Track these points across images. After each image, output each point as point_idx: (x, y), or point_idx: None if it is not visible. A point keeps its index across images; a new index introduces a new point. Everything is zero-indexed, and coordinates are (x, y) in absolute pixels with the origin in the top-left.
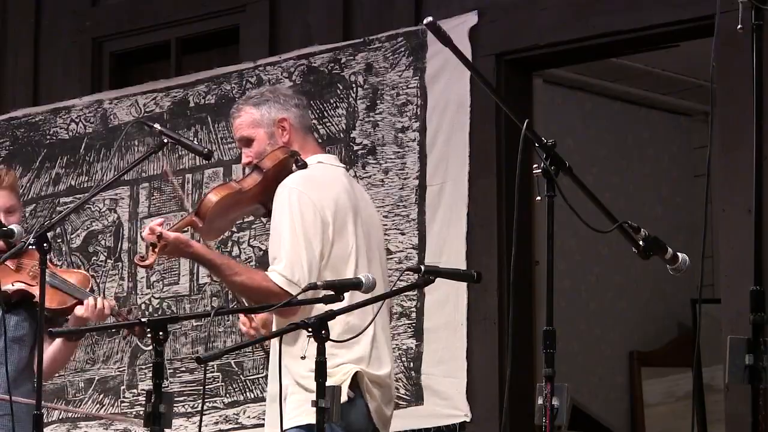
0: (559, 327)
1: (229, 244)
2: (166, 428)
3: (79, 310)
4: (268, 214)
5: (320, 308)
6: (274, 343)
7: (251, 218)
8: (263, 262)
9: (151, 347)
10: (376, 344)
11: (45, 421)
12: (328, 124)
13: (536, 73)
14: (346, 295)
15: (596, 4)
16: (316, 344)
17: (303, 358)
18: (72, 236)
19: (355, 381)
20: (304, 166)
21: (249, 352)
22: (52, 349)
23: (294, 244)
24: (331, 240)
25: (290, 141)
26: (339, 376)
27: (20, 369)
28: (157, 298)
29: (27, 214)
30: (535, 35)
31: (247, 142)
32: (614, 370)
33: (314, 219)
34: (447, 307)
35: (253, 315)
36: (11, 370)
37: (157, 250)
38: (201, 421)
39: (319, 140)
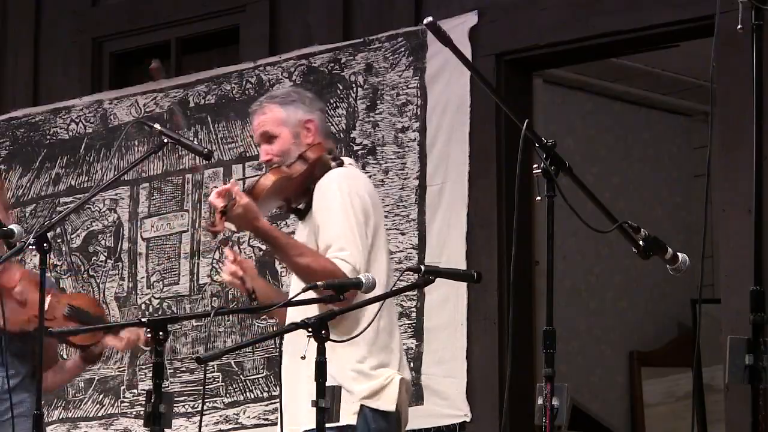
0: (559, 327)
1: (229, 243)
2: (166, 428)
3: (111, 340)
4: (289, 211)
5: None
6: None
7: None
8: (263, 262)
9: (151, 347)
10: (402, 347)
11: (45, 421)
12: (328, 124)
13: (536, 73)
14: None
15: (596, 4)
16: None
17: (303, 358)
18: (72, 236)
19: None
20: (341, 164)
21: (249, 352)
22: (69, 365)
23: (353, 233)
24: (372, 234)
25: (314, 142)
26: (381, 380)
27: (18, 381)
28: (157, 298)
29: (27, 214)
30: (535, 35)
31: (269, 138)
32: (614, 370)
33: (363, 211)
34: (447, 307)
35: (240, 258)
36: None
37: (226, 215)
38: (201, 421)
39: None
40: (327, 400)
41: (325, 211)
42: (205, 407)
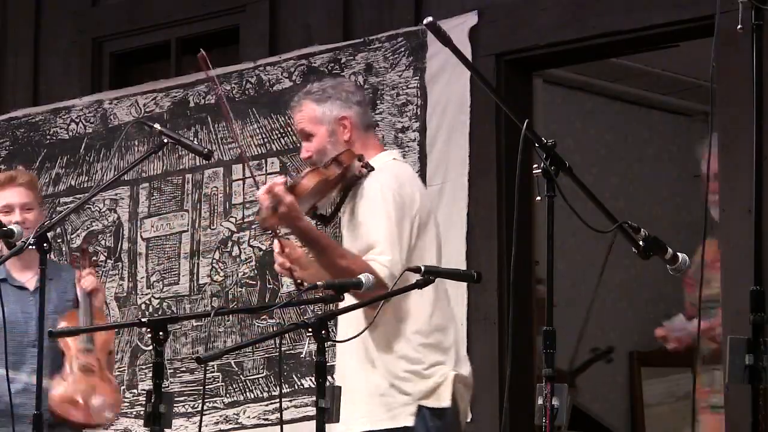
0: (559, 327)
1: (229, 244)
2: (166, 428)
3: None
4: (314, 216)
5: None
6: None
7: (251, 218)
8: (264, 263)
9: (151, 347)
10: (461, 342)
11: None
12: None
13: (536, 73)
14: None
15: (596, 4)
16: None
17: (301, 355)
18: (72, 236)
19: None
20: (372, 169)
21: (249, 352)
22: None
23: (393, 238)
24: (417, 236)
25: (351, 139)
26: (436, 378)
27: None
28: (157, 298)
29: None
30: (535, 35)
31: (307, 136)
32: (614, 370)
33: (406, 214)
34: None
35: (287, 247)
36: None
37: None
38: (201, 421)
39: None
40: (327, 400)
41: (369, 212)
42: (205, 407)
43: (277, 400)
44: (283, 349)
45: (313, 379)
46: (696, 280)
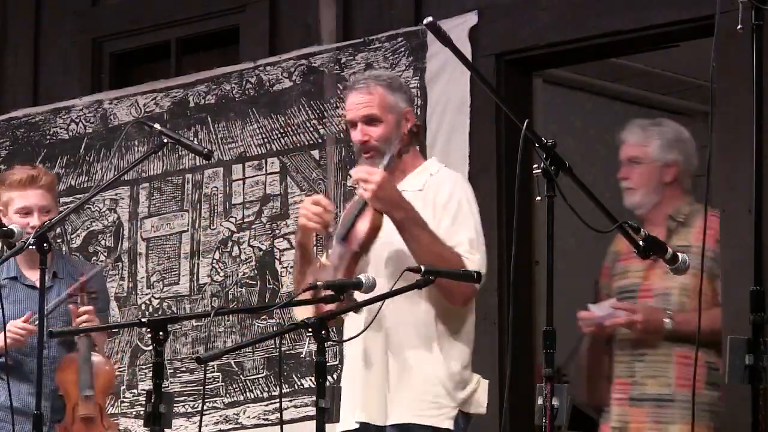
0: (559, 327)
1: (229, 244)
2: (166, 428)
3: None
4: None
5: None
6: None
7: (251, 218)
8: (264, 263)
9: (151, 347)
10: None
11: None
12: (328, 124)
13: (536, 73)
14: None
15: (596, 4)
16: None
17: (301, 355)
18: (72, 236)
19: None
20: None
21: (249, 352)
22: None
23: (477, 242)
24: None
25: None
26: (473, 384)
27: None
28: (157, 298)
29: None
30: (535, 35)
31: (371, 121)
32: None
33: (479, 219)
34: None
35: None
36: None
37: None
38: (201, 421)
39: (319, 140)
40: (327, 400)
41: (452, 213)
42: (205, 407)
43: (277, 400)
44: (283, 349)
45: (313, 379)
46: (610, 270)
